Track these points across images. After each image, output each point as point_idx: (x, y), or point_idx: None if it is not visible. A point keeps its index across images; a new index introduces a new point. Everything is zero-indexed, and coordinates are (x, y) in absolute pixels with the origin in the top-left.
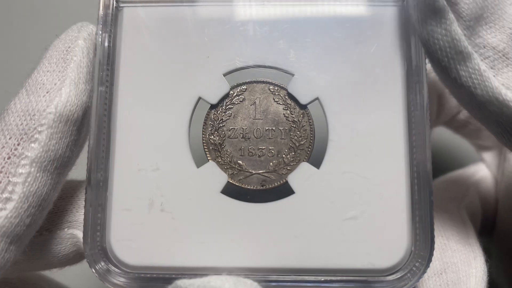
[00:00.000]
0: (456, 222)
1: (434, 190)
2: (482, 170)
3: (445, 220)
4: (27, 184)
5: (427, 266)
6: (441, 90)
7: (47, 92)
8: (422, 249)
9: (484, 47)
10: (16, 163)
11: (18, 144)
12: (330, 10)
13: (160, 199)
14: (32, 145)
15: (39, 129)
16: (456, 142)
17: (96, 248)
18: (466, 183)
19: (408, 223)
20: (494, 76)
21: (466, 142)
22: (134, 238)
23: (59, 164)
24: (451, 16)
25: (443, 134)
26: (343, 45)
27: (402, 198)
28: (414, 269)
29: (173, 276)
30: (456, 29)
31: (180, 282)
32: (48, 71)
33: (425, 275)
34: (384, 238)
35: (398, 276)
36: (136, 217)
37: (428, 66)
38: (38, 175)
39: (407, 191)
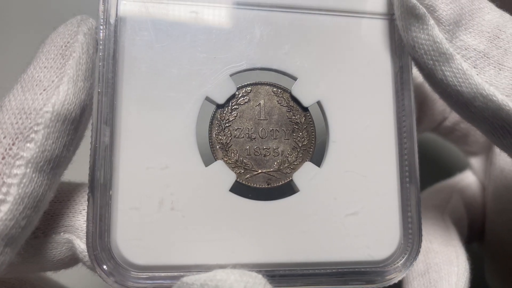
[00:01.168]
0: (439, 227)
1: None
2: (468, 178)
3: (429, 225)
4: (22, 185)
5: (417, 255)
6: (422, 98)
7: (44, 90)
8: (413, 241)
9: (466, 49)
10: (11, 163)
11: (13, 144)
12: (331, 21)
13: (170, 197)
14: (28, 145)
15: (35, 129)
16: (445, 148)
17: (101, 248)
18: (449, 191)
19: (400, 218)
20: (477, 74)
21: (454, 148)
22: (142, 237)
23: (56, 164)
24: (431, 21)
25: (432, 141)
26: (342, 53)
27: (394, 196)
28: (405, 260)
29: (182, 274)
30: (437, 33)
31: (186, 279)
32: (45, 67)
33: (410, 276)
34: (380, 232)
35: (392, 267)
36: (145, 216)
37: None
38: (33, 176)
39: (398, 189)
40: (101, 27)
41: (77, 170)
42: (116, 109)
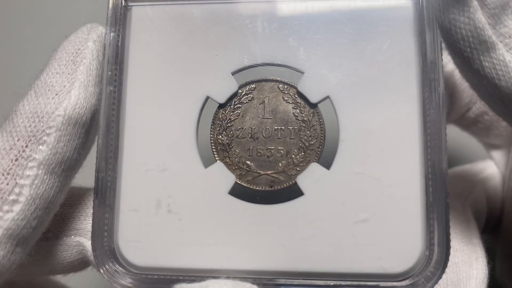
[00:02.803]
0: (459, 220)
1: None
2: (491, 167)
3: None
4: (34, 186)
5: (443, 271)
6: (452, 88)
7: (56, 94)
8: (438, 253)
9: (510, 37)
10: (23, 165)
11: (26, 146)
12: (340, 6)
13: (167, 199)
14: (40, 147)
15: (48, 132)
16: (464, 139)
17: (104, 248)
18: (473, 179)
19: (423, 227)
20: None
21: (474, 139)
22: (141, 239)
23: (67, 166)
24: (474, 3)
25: (451, 131)
26: (355, 41)
27: (415, 201)
28: (429, 274)
29: (180, 277)
30: (480, 17)
31: (178, 287)
32: (57, 73)
33: None
34: (396, 242)
35: (411, 282)
36: (143, 218)
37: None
38: (45, 177)
39: (421, 193)
40: (107, 30)
41: (89, 176)
42: (120, 110)
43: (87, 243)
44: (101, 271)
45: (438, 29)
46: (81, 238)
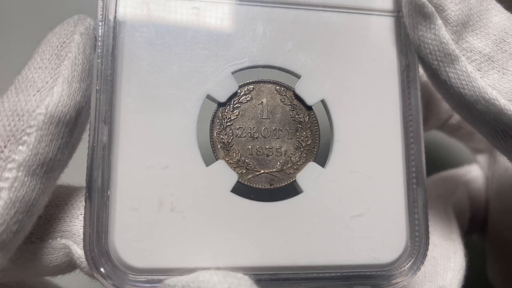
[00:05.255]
0: (440, 219)
1: None
2: (475, 171)
3: (430, 216)
4: (13, 189)
5: (424, 259)
6: (428, 97)
7: (37, 91)
8: (419, 244)
9: (471, 51)
10: (2, 167)
11: (4, 147)
12: (336, 17)
13: (170, 198)
14: (20, 147)
15: (28, 131)
16: (452, 143)
17: (98, 250)
18: (455, 182)
19: (407, 220)
20: (481, 77)
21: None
22: (141, 239)
23: (49, 168)
24: (439, 21)
25: (439, 136)
26: (347, 50)
27: (400, 197)
28: (411, 263)
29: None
30: (444, 33)
31: (168, 281)
32: (39, 68)
33: None
34: (386, 234)
35: (398, 270)
36: (144, 217)
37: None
38: (26, 179)
39: (405, 190)
40: (100, 24)
41: (76, 173)
42: (115, 107)
43: (73, 246)
44: (96, 274)
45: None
46: (67, 240)
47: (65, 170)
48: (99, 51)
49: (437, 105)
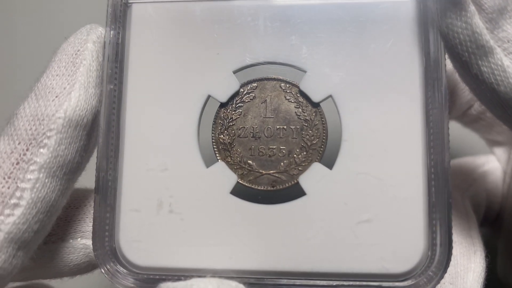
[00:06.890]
0: (458, 213)
1: None
2: (492, 162)
3: None
4: (35, 190)
5: (445, 271)
6: (453, 86)
7: (56, 97)
8: (440, 253)
9: (508, 42)
10: (24, 168)
11: (27, 150)
12: (343, 4)
13: (168, 199)
14: (41, 150)
15: (48, 134)
16: (466, 134)
17: (105, 248)
18: (473, 172)
19: (425, 227)
20: None
21: (475, 135)
22: (142, 239)
23: (68, 169)
24: (472, 8)
25: (453, 127)
26: (358, 40)
27: (418, 201)
28: (431, 274)
29: (182, 278)
30: (477, 22)
31: (163, 286)
32: (57, 75)
33: None
34: (398, 242)
35: (413, 282)
36: (145, 218)
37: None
38: (46, 181)
39: (424, 193)
40: (107, 28)
41: (89, 175)
42: (121, 109)
43: None
44: (102, 271)
45: (438, 32)
46: (87, 240)
47: (81, 174)
48: (106, 55)
49: (460, 94)
